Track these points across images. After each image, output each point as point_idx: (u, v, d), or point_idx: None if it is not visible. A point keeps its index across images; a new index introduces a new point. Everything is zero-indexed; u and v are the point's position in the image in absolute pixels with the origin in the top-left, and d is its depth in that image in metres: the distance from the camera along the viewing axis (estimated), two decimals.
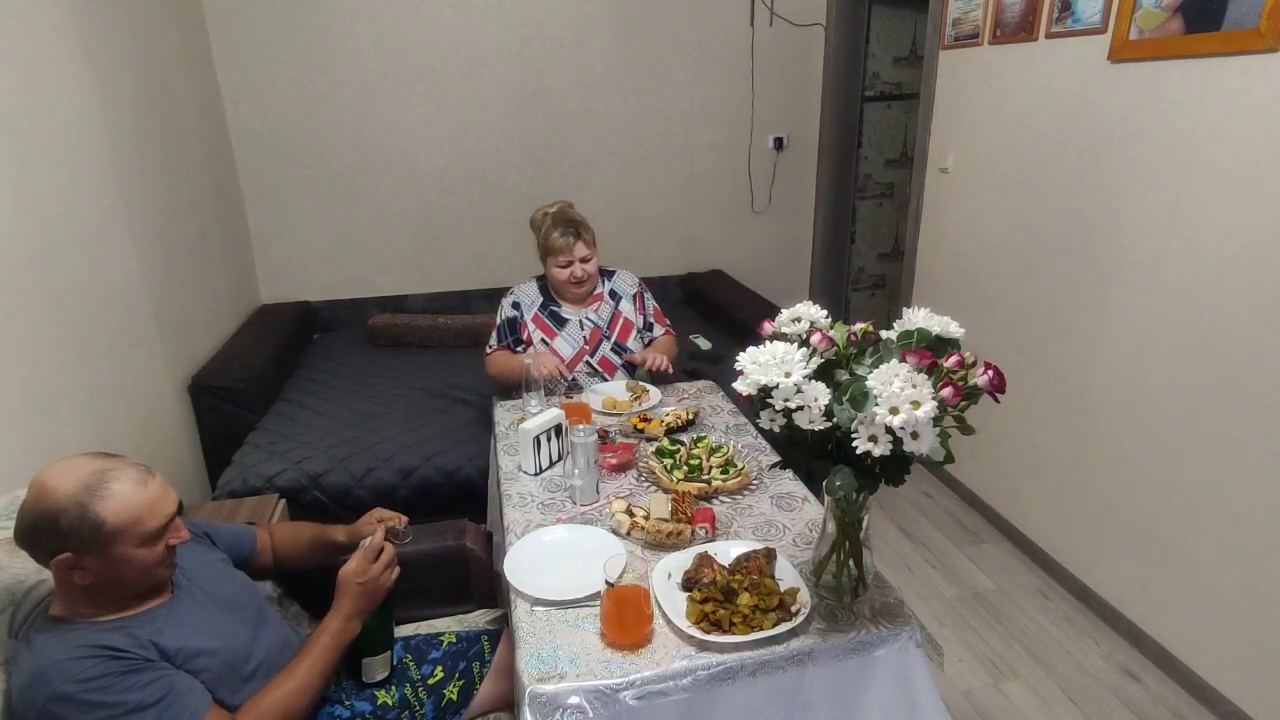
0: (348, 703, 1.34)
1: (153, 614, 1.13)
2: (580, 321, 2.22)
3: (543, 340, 2.19)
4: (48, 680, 1.00)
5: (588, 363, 2.21)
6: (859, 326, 1.19)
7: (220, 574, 1.30)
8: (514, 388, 2.04)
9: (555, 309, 2.23)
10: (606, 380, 2.18)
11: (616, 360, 2.23)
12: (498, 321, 2.24)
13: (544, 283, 2.26)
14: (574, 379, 2.15)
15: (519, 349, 2.21)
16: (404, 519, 1.49)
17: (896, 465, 1.07)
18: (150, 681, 1.05)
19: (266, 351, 2.91)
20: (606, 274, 2.30)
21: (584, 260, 2.13)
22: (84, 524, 1.02)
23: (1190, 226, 1.94)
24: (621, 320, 2.25)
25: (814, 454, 1.13)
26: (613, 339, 2.23)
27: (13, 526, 1.07)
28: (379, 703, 1.35)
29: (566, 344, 2.19)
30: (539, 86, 3.51)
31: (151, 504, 1.09)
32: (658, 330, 2.32)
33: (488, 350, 2.26)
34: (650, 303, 2.33)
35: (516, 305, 2.23)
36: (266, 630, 1.29)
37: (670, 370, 2.13)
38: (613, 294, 2.28)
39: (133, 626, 1.10)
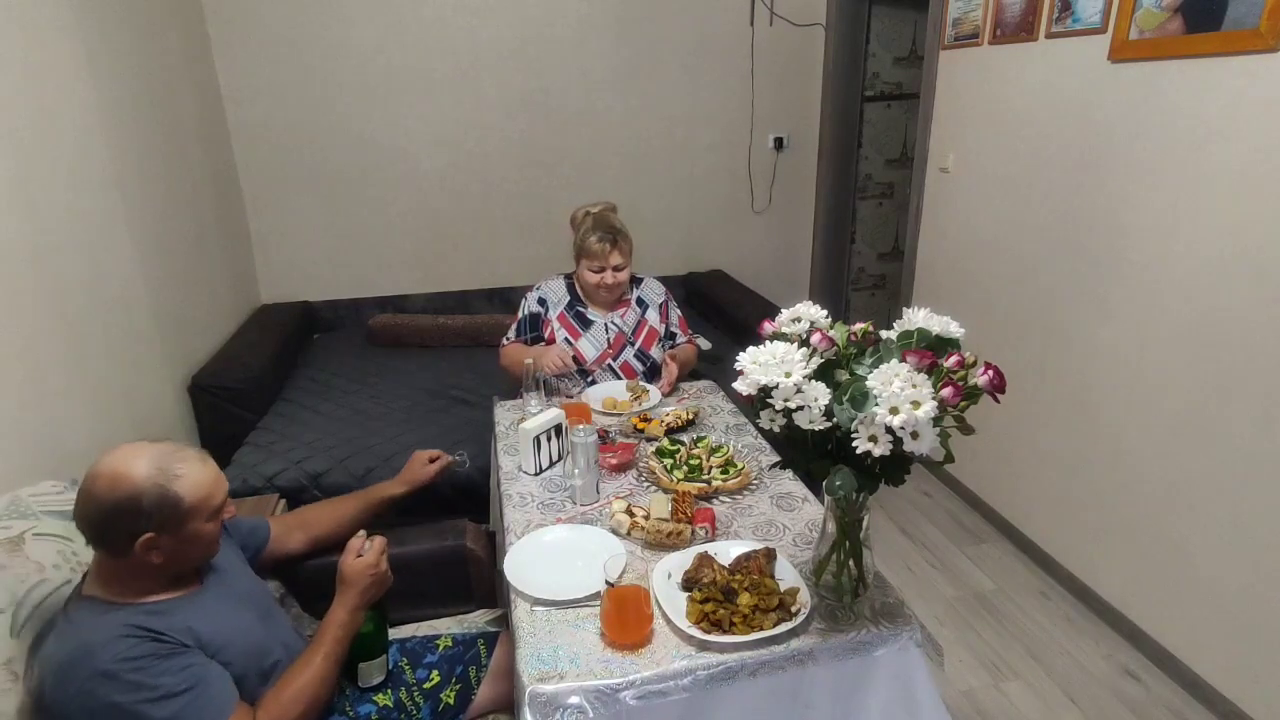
0: (349, 710, 1.34)
1: (188, 600, 1.16)
2: (606, 325, 2.21)
3: (566, 340, 2.19)
4: (93, 655, 1.01)
5: (609, 366, 2.21)
6: (859, 326, 1.19)
7: (238, 569, 1.33)
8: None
9: (581, 309, 2.22)
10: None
11: (639, 367, 2.22)
12: (520, 315, 2.25)
13: (571, 282, 2.26)
14: (592, 379, 2.16)
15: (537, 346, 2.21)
16: (450, 456, 1.54)
17: (896, 465, 1.07)
18: (183, 668, 1.07)
19: (266, 351, 2.91)
20: (635, 281, 2.30)
21: (616, 269, 2.13)
22: (165, 503, 1.07)
23: (1190, 226, 1.94)
24: (646, 328, 2.25)
25: (814, 454, 1.13)
26: (636, 345, 2.23)
27: (73, 513, 1.09)
28: (379, 705, 1.35)
29: (590, 345, 2.19)
30: (539, 86, 3.51)
31: (215, 479, 1.16)
32: (680, 339, 2.33)
33: (504, 342, 2.27)
34: (675, 312, 2.34)
35: (542, 302, 2.23)
36: (276, 628, 1.30)
37: (668, 391, 2.12)
38: (640, 301, 2.28)
39: (171, 611, 1.11)
